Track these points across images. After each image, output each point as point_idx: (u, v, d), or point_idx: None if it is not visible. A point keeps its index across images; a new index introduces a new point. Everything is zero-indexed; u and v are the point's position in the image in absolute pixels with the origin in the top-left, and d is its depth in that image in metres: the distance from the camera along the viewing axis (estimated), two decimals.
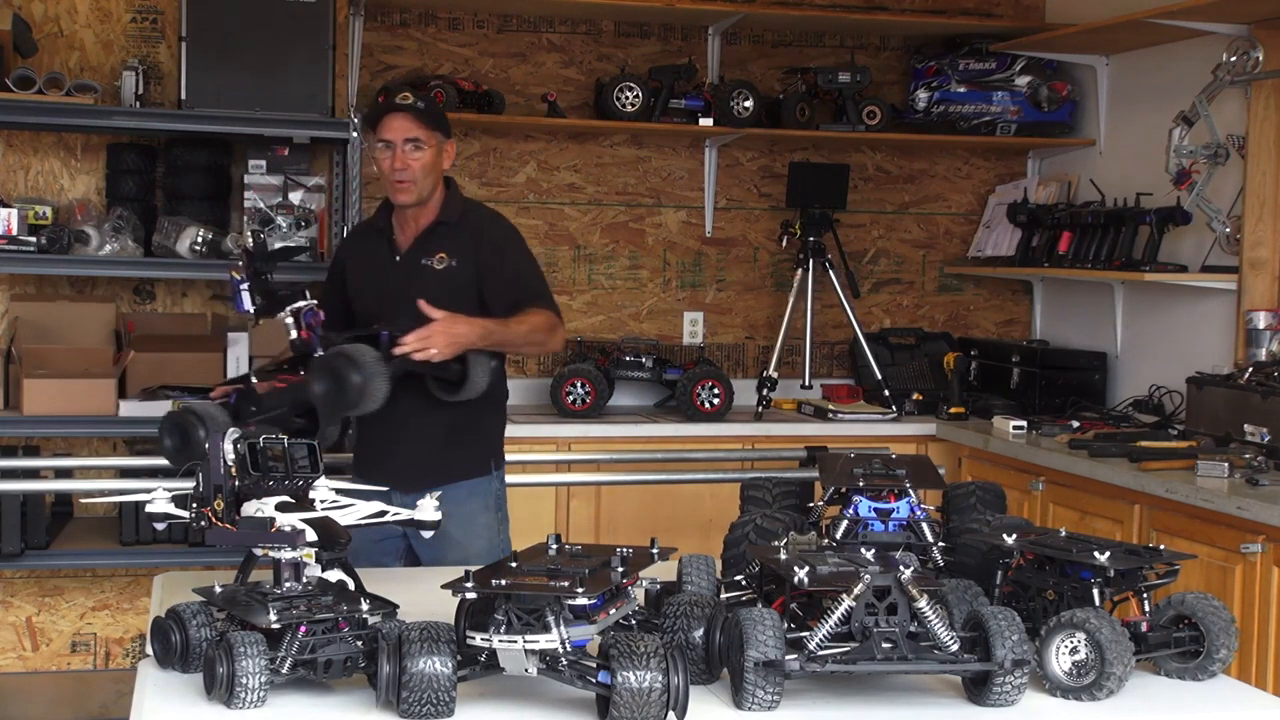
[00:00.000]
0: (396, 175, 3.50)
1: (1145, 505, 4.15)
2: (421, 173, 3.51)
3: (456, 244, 3.57)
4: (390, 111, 3.57)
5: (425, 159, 3.52)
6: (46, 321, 4.85)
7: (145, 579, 4.87)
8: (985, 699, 2.23)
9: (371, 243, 3.68)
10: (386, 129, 3.52)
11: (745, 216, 5.78)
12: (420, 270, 3.55)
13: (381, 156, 3.53)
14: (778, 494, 2.98)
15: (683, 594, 2.41)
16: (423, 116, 3.54)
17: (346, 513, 2.46)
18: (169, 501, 2.48)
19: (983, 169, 6.01)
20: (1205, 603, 2.45)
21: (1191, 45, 4.95)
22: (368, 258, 3.67)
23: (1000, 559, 2.56)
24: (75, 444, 4.96)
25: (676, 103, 5.39)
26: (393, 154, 3.50)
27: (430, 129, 3.53)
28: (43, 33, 5.00)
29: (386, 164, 3.52)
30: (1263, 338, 4.54)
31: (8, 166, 5.02)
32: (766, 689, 2.15)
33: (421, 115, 3.54)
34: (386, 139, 3.51)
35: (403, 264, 3.59)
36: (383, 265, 3.61)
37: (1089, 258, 5.17)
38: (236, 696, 2.12)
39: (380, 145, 3.53)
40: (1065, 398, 5.29)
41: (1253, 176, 4.65)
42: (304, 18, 4.77)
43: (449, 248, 3.56)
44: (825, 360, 5.83)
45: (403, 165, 3.49)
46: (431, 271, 3.54)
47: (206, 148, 4.94)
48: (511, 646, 2.11)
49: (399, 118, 3.53)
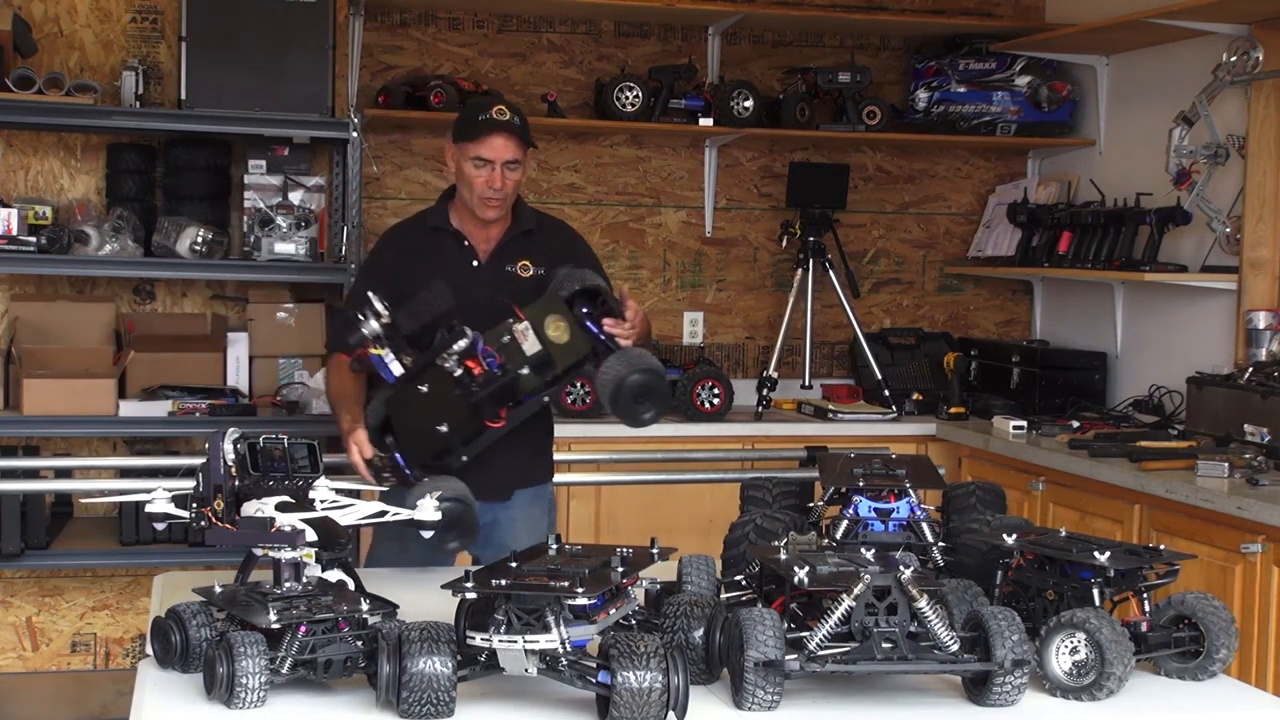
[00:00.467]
0: (492, 194, 3.38)
1: (1145, 505, 4.15)
2: (514, 191, 3.44)
3: (538, 253, 3.48)
4: (494, 131, 3.37)
5: (519, 177, 3.43)
6: (46, 321, 4.85)
7: (145, 579, 4.87)
8: (985, 699, 2.23)
9: (435, 244, 3.50)
10: (487, 148, 3.36)
11: (745, 216, 5.78)
12: (504, 277, 3.44)
13: (475, 172, 3.37)
14: (778, 494, 2.98)
15: (683, 594, 2.41)
16: (522, 135, 3.40)
17: (346, 513, 2.46)
18: (169, 501, 2.48)
19: (983, 169, 6.01)
20: (1205, 603, 2.45)
21: (1191, 45, 4.95)
22: (436, 260, 3.47)
23: (1000, 559, 2.57)
24: (75, 444, 4.96)
25: (676, 103, 5.39)
26: (489, 172, 3.36)
27: (526, 147, 3.42)
28: (43, 33, 5.00)
29: (481, 181, 3.37)
30: (1263, 338, 4.54)
31: (8, 166, 5.02)
32: (766, 689, 2.15)
33: (521, 133, 3.40)
34: (486, 158, 3.36)
35: (484, 270, 3.46)
36: (458, 269, 3.44)
37: (1089, 258, 5.17)
38: (236, 696, 2.12)
39: (476, 162, 3.37)
40: (1065, 398, 5.28)
41: (1253, 176, 4.65)
42: (304, 18, 4.77)
43: (532, 256, 3.47)
44: (825, 360, 5.83)
45: (500, 185, 3.37)
46: (517, 279, 3.44)
47: (206, 148, 4.94)
48: (511, 646, 2.11)
49: (501, 137, 3.36)
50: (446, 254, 3.47)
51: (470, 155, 3.38)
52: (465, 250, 3.47)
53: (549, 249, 3.50)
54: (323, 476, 2.48)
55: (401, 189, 5.43)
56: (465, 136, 3.40)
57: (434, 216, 3.54)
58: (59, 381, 4.57)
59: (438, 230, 3.50)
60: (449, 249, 3.48)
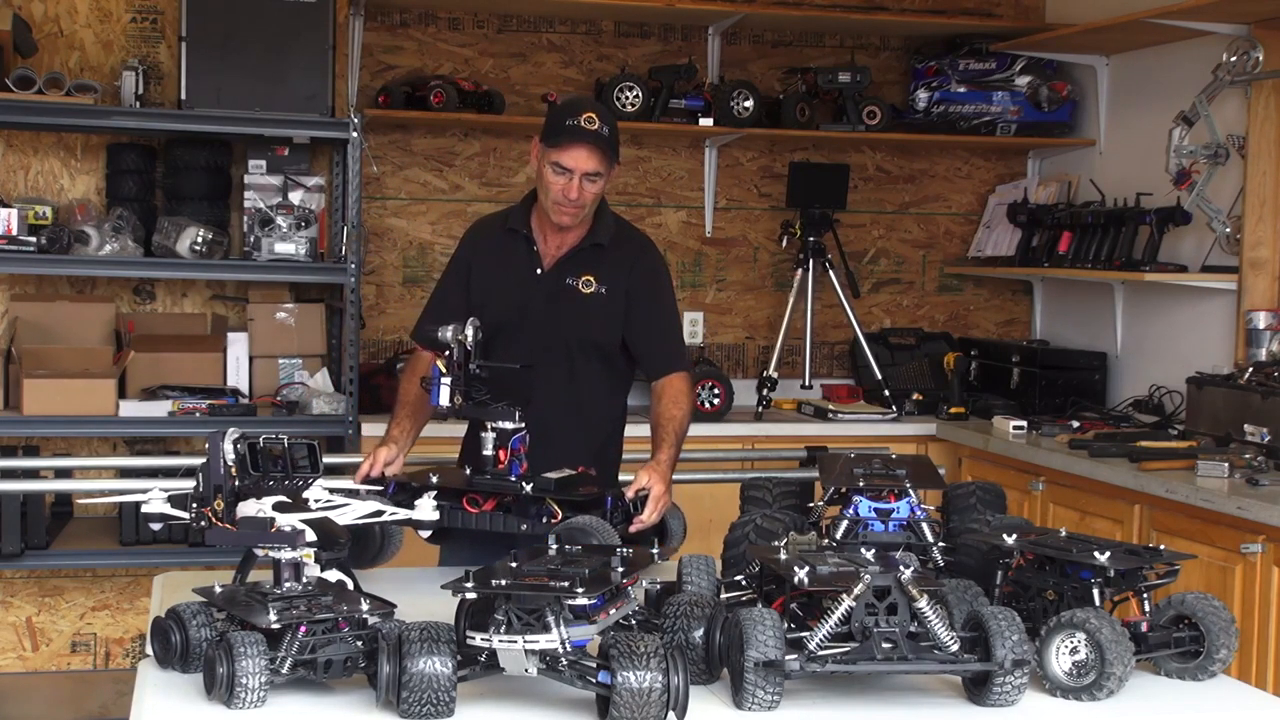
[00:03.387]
0: (567, 203, 3.26)
1: (1145, 505, 4.15)
2: (591, 203, 3.30)
3: (606, 268, 3.36)
4: (580, 141, 3.22)
5: (598, 190, 3.29)
6: (46, 321, 4.85)
7: (145, 579, 4.86)
8: (985, 699, 2.23)
9: (507, 245, 3.41)
10: (569, 157, 3.22)
11: (745, 216, 5.78)
12: (564, 290, 3.34)
13: (553, 178, 3.25)
14: (778, 494, 2.98)
15: (683, 594, 2.41)
16: (608, 147, 3.25)
17: (343, 512, 2.46)
18: (165, 502, 2.48)
19: (983, 169, 6.01)
20: (1205, 603, 2.45)
21: (1191, 45, 4.95)
22: (504, 261, 3.40)
23: (1000, 559, 2.57)
24: (75, 444, 4.96)
25: (676, 103, 5.39)
26: (568, 181, 3.23)
27: (610, 160, 3.27)
28: (43, 33, 5.00)
29: (558, 189, 3.24)
30: (1263, 338, 4.54)
31: (8, 166, 5.02)
32: (766, 689, 2.15)
33: (607, 146, 3.25)
34: (566, 166, 3.23)
35: (545, 279, 3.36)
36: (522, 275, 3.37)
37: (1089, 258, 5.17)
38: (236, 696, 2.12)
39: (554, 167, 3.24)
40: (1065, 398, 5.28)
41: (1253, 176, 4.65)
42: (304, 18, 4.77)
43: (598, 271, 3.35)
44: (825, 360, 5.83)
45: (577, 196, 3.24)
46: (577, 294, 3.34)
47: (206, 148, 4.94)
48: (511, 646, 2.11)
49: (585, 148, 3.22)
50: (514, 257, 3.38)
51: (551, 160, 3.25)
52: (532, 256, 3.37)
53: (616, 265, 3.38)
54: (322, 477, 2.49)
55: (401, 189, 5.43)
56: (550, 140, 3.27)
57: (514, 216, 3.43)
58: (59, 381, 4.57)
59: (513, 231, 3.40)
60: (518, 252, 3.38)
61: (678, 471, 4.00)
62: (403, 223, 5.43)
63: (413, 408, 3.35)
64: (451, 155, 5.47)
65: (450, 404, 2.95)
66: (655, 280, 3.46)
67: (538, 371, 3.25)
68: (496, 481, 2.93)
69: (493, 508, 2.94)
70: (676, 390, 3.39)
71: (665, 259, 3.60)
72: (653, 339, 3.42)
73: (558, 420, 3.31)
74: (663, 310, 3.47)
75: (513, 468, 2.96)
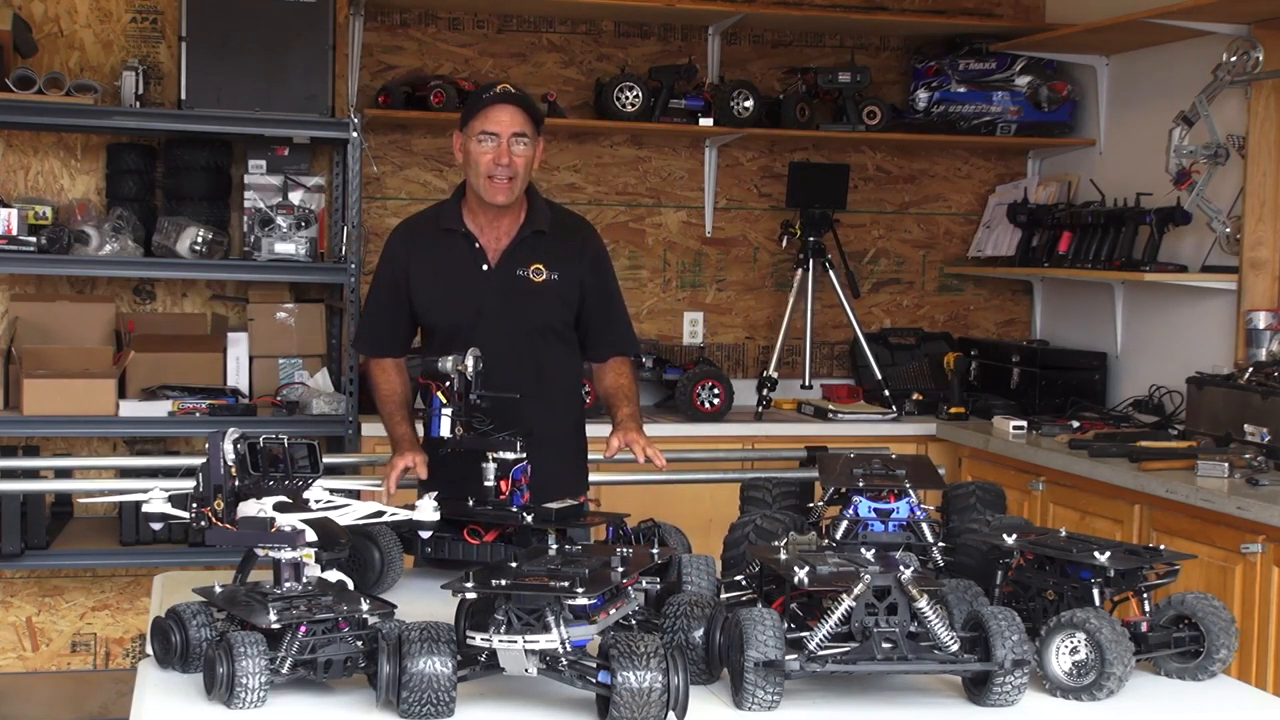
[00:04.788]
0: (499, 172, 3.23)
1: (1145, 505, 4.15)
2: (524, 170, 3.27)
3: (552, 255, 3.35)
4: (498, 102, 3.26)
5: (528, 155, 3.27)
6: (46, 321, 4.85)
7: (145, 579, 4.87)
8: (985, 699, 2.23)
9: (446, 245, 3.37)
10: (491, 121, 3.24)
11: (745, 216, 5.78)
12: (516, 282, 3.33)
13: (480, 150, 3.25)
14: (778, 494, 2.98)
15: (683, 594, 2.41)
16: (530, 110, 3.29)
17: (343, 513, 2.46)
18: (165, 501, 2.48)
19: (983, 169, 6.01)
20: (1205, 603, 2.45)
21: (1191, 45, 4.95)
22: (446, 262, 3.37)
23: (1000, 559, 2.56)
24: (75, 444, 4.96)
25: (676, 103, 5.39)
26: (497, 147, 3.23)
27: (533, 123, 3.29)
28: (43, 33, 5.00)
29: (488, 159, 3.23)
30: (1263, 338, 4.54)
31: (8, 166, 5.02)
32: (766, 689, 2.15)
33: (529, 108, 3.28)
34: (491, 131, 3.23)
35: (494, 275, 3.34)
36: (468, 273, 3.34)
37: (1089, 258, 5.17)
38: (236, 696, 2.12)
39: (480, 138, 3.24)
40: (1065, 398, 5.28)
41: (1253, 176, 4.65)
42: (304, 18, 4.77)
43: (546, 259, 3.34)
44: (825, 360, 5.83)
45: (508, 160, 3.22)
46: (529, 284, 3.33)
47: (206, 148, 4.94)
48: (511, 646, 2.11)
49: (507, 110, 3.25)
50: (456, 256, 3.36)
51: (475, 132, 3.26)
52: (475, 253, 3.35)
53: (563, 251, 3.38)
54: (321, 477, 2.49)
55: (401, 189, 5.43)
56: (469, 115, 3.30)
57: (446, 216, 3.39)
58: (59, 381, 4.57)
59: (449, 231, 3.37)
60: (459, 251, 3.36)
61: (678, 471, 4.02)
62: None
63: (399, 402, 3.39)
64: (451, 155, 5.43)
65: (451, 435, 2.93)
66: (604, 265, 3.52)
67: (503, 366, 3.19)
68: (498, 512, 2.91)
69: (494, 539, 2.92)
70: (618, 369, 3.47)
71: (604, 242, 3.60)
72: (602, 326, 3.47)
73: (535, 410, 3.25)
74: (613, 297, 3.52)
75: (514, 498, 2.93)
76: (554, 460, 3.29)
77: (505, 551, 2.88)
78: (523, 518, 2.87)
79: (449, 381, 2.96)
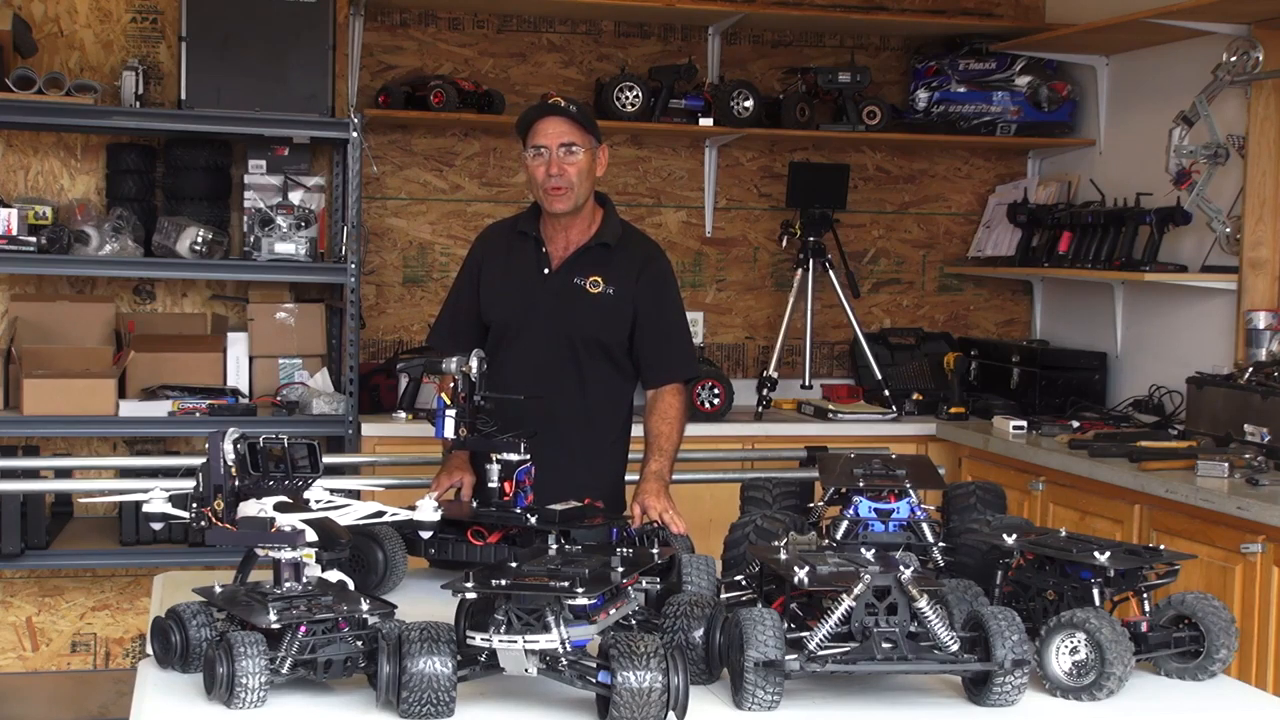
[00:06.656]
0: (552, 182, 3.33)
1: (1145, 505, 4.15)
2: (578, 178, 3.34)
3: (613, 269, 3.41)
4: (543, 116, 3.37)
5: (580, 164, 3.35)
6: (46, 321, 4.85)
7: (145, 579, 4.87)
8: (985, 699, 2.23)
9: (516, 247, 3.48)
10: (539, 134, 3.35)
11: (745, 216, 5.78)
12: (571, 290, 3.39)
13: (534, 164, 3.36)
14: (778, 494, 2.98)
15: (683, 594, 2.41)
16: (576, 119, 3.36)
17: (344, 513, 2.46)
18: (166, 501, 2.48)
19: (983, 169, 6.01)
20: (1205, 603, 2.45)
21: (1191, 45, 4.95)
22: (512, 263, 3.47)
23: (1000, 559, 2.57)
24: (75, 444, 4.96)
25: (676, 103, 5.39)
26: (547, 159, 3.33)
27: (585, 132, 3.36)
28: (43, 33, 5.00)
29: (540, 171, 3.35)
30: (1263, 338, 4.54)
31: (8, 166, 5.02)
32: (766, 689, 2.15)
33: (575, 118, 3.36)
34: (540, 145, 3.34)
35: (553, 280, 3.42)
36: (529, 276, 3.43)
37: (1089, 258, 5.17)
38: (236, 696, 2.12)
39: (532, 151, 3.36)
40: (1065, 398, 5.28)
41: (1253, 176, 4.65)
42: (304, 18, 4.77)
43: (605, 272, 3.40)
44: (825, 360, 5.83)
45: (559, 171, 3.32)
46: (584, 294, 3.39)
47: (206, 148, 4.94)
48: (511, 646, 2.11)
49: (552, 121, 3.35)
50: (522, 258, 3.46)
51: (529, 147, 3.37)
52: (541, 256, 3.44)
53: (624, 266, 3.43)
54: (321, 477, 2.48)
55: (401, 189, 5.43)
56: (522, 132, 3.40)
57: (525, 220, 3.51)
58: (59, 381, 4.57)
59: (523, 234, 3.47)
60: (527, 254, 3.45)
61: (679, 472, 4.02)
62: (403, 223, 5.43)
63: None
64: (451, 155, 5.47)
65: (455, 436, 2.94)
66: (664, 286, 3.49)
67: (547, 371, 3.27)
68: (502, 514, 2.91)
69: (498, 540, 2.92)
70: (666, 405, 3.44)
71: (672, 266, 3.61)
72: (654, 347, 3.45)
73: (567, 419, 3.34)
74: (671, 320, 3.49)
75: (518, 500, 2.94)
76: (585, 473, 3.33)
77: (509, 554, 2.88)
78: (527, 519, 2.87)
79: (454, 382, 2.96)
